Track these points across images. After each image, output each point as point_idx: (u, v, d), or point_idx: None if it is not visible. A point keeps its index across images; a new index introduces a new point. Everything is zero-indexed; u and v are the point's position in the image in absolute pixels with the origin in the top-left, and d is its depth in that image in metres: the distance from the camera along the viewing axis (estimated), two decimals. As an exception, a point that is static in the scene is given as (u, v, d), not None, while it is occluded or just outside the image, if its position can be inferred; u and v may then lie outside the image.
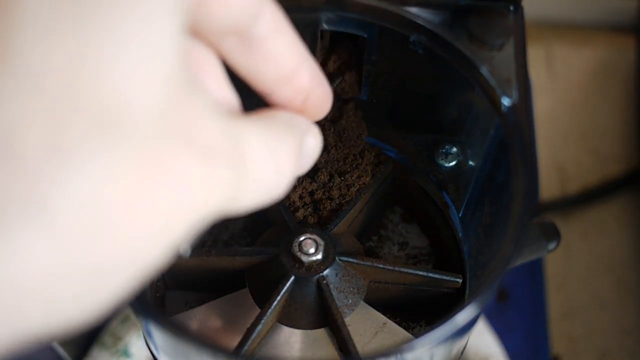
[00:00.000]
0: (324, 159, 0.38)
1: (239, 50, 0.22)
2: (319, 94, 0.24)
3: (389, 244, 0.41)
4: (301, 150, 0.23)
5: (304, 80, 0.23)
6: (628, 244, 0.58)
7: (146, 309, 0.27)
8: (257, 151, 0.20)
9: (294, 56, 0.23)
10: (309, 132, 0.24)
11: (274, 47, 0.22)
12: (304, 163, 0.24)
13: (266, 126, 0.21)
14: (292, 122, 0.23)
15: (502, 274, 0.28)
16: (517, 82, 0.33)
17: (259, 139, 0.20)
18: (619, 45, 0.70)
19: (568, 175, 0.62)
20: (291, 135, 0.22)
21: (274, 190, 0.22)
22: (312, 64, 0.24)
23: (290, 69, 0.23)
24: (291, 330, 0.35)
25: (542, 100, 0.67)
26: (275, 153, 0.21)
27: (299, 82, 0.23)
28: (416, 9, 0.35)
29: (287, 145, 0.22)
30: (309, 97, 0.24)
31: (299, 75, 0.23)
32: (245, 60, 0.22)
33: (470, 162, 0.38)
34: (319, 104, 0.25)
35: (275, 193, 0.22)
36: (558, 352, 0.53)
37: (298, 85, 0.23)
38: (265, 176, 0.21)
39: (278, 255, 0.35)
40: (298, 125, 0.23)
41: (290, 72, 0.23)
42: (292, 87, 0.23)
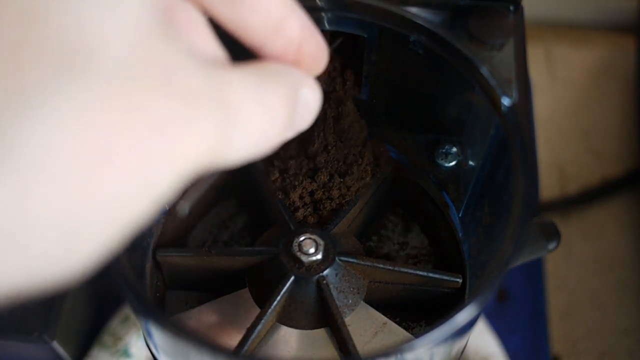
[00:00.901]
0: (324, 159, 0.38)
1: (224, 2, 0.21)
2: (312, 45, 0.23)
3: (389, 244, 0.41)
4: (296, 101, 0.22)
5: (294, 30, 0.22)
6: (628, 244, 0.58)
7: (146, 309, 0.27)
8: (245, 98, 0.19)
9: (280, 4, 0.22)
10: (304, 83, 0.23)
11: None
12: (301, 116, 0.23)
13: (255, 75, 0.20)
14: (284, 72, 0.22)
15: (502, 274, 0.28)
16: (517, 82, 0.33)
17: (247, 87, 0.20)
18: (619, 45, 0.70)
19: (568, 175, 0.62)
20: (282, 83, 0.21)
21: (266, 140, 0.21)
22: (301, 14, 0.23)
23: (278, 17, 0.22)
24: (291, 330, 0.35)
25: (542, 100, 0.67)
26: (264, 101, 0.20)
27: (289, 31, 0.22)
28: (416, 9, 0.35)
29: (278, 93, 0.21)
30: (302, 47, 0.23)
31: (288, 24, 0.22)
32: (231, 13, 0.21)
33: (470, 162, 0.38)
34: (313, 55, 0.24)
35: (267, 144, 0.21)
36: (558, 352, 0.53)
37: (288, 34, 0.22)
38: (255, 125, 0.20)
39: (278, 255, 0.35)
40: (290, 75, 0.22)
41: (279, 21, 0.22)
42: (282, 37, 0.22)
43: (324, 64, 0.25)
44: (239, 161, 0.20)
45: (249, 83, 0.20)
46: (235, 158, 0.20)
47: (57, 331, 0.43)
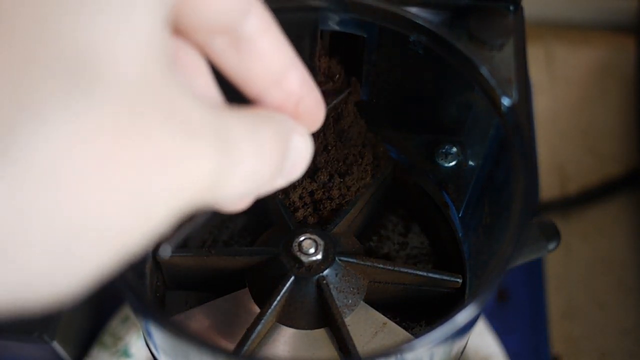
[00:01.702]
0: (324, 159, 0.38)
1: (228, 51, 0.21)
2: (310, 101, 0.24)
3: (389, 244, 0.41)
4: (288, 147, 0.22)
5: (294, 84, 0.23)
6: (628, 244, 0.58)
7: (146, 309, 0.27)
8: (240, 138, 0.19)
9: (283, 57, 0.23)
10: (296, 131, 0.23)
11: (262, 47, 0.22)
12: (293, 164, 0.23)
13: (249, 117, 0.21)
14: (277, 118, 0.22)
15: (502, 274, 0.28)
16: (517, 82, 0.33)
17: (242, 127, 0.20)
18: (619, 45, 0.70)
19: (568, 175, 0.62)
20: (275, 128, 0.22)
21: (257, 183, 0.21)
22: (302, 69, 0.23)
23: (279, 70, 0.23)
24: (291, 330, 0.35)
25: (542, 100, 0.67)
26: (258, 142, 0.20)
27: (289, 85, 0.23)
28: (416, 9, 0.35)
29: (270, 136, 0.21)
30: (301, 103, 0.24)
31: (289, 78, 0.23)
32: (234, 61, 0.22)
33: (470, 162, 0.38)
34: (311, 111, 0.24)
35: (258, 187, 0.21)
36: (558, 352, 0.53)
37: (288, 88, 0.23)
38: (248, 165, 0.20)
39: (278, 255, 0.35)
40: (283, 122, 0.22)
41: (280, 74, 0.23)
42: (282, 90, 0.23)
43: (321, 121, 0.25)
44: (233, 199, 0.21)
45: (244, 124, 0.20)
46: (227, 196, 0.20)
47: (57, 331, 0.43)
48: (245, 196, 0.22)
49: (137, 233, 0.16)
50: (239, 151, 0.19)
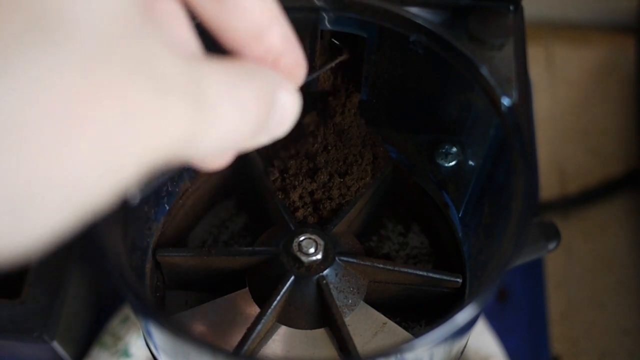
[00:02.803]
0: (324, 159, 0.38)
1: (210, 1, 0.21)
2: (290, 58, 0.23)
3: (389, 244, 0.41)
4: (272, 103, 0.22)
5: (275, 40, 0.22)
6: (628, 244, 0.58)
7: (146, 309, 0.27)
8: (219, 92, 0.19)
9: (266, 12, 0.22)
10: (282, 86, 0.22)
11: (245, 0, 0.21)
12: (278, 120, 0.22)
13: (231, 70, 0.20)
14: (262, 72, 0.22)
15: (502, 274, 0.28)
16: (517, 82, 0.33)
17: (222, 81, 0.19)
18: (619, 45, 0.70)
19: (568, 175, 0.62)
20: (258, 82, 0.21)
21: (236, 136, 0.20)
22: (284, 25, 0.23)
23: (261, 24, 0.22)
24: (291, 330, 0.35)
25: (542, 100, 0.67)
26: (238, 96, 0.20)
27: (270, 40, 0.22)
28: (416, 9, 0.35)
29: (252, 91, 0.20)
30: (280, 59, 0.23)
31: (270, 33, 0.22)
32: (215, 11, 0.21)
33: (470, 162, 0.38)
34: (290, 69, 0.23)
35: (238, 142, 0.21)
36: (558, 352, 0.53)
37: (268, 43, 0.22)
38: (227, 120, 0.19)
39: (278, 255, 0.35)
40: (268, 76, 0.22)
41: (261, 28, 0.22)
42: (262, 45, 0.22)
43: (300, 79, 0.24)
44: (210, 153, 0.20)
45: (224, 78, 0.20)
46: (206, 149, 0.19)
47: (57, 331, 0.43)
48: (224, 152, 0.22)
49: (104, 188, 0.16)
50: (216, 106, 0.19)
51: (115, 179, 0.16)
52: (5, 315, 0.42)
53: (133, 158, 0.16)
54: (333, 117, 0.39)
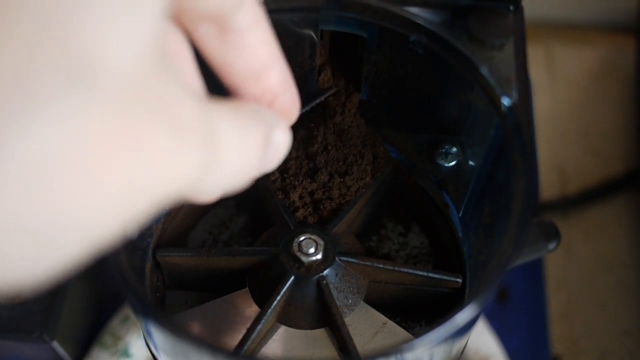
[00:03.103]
0: (324, 159, 0.38)
1: (214, 38, 0.21)
2: (286, 99, 0.24)
3: (389, 244, 0.41)
4: (268, 143, 0.22)
5: (274, 80, 0.23)
6: (628, 244, 0.58)
7: (146, 309, 0.27)
8: (228, 135, 0.20)
9: (267, 53, 0.23)
10: (278, 126, 0.23)
11: (249, 40, 0.22)
12: (271, 157, 0.23)
13: (235, 112, 0.21)
14: (260, 113, 0.22)
15: (502, 274, 0.28)
16: (517, 82, 0.33)
17: (229, 123, 0.20)
18: (619, 45, 0.70)
19: (568, 175, 0.62)
20: (258, 124, 0.22)
21: (239, 178, 0.21)
22: (284, 67, 0.23)
23: (261, 65, 0.23)
24: (291, 330, 0.35)
25: (542, 100, 0.67)
26: (243, 139, 0.21)
27: (268, 81, 0.23)
28: (416, 9, 0.35)
29: (254, 134, 0.21)
30: (276, 100, 0.24)
31: (270, 74, 0.23)
32: (219, 50, 0.22)
33: (470, 162, 0.38)
34: (285, 109, 0.24)
35: (240, 180, 0.22)
36: (558, 352, 0.53)
37: (267, 84, 0.23)
38: (232, 162, 0.20)
39: (278, 255, 0.35)
40: (266, 117, 0.23)
41: (262, 68, 0.23)
42: (260, 85, 0.23)
43: (294, 118, 0.25)
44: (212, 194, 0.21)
45: (231, 119, 0.20)
46: (209, 190, 0.20)
47: (57, 331, 0.43)
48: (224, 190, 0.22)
49: (116, 224, 0.17)
50: (224, 148, 0.19)
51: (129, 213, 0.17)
52: (5, 315, 0.42)
53: (146, 197, 0.17)
54: (333, 117, 0.39)
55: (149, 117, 0.16)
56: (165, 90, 0.17)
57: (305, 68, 0.38)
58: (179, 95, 0.18)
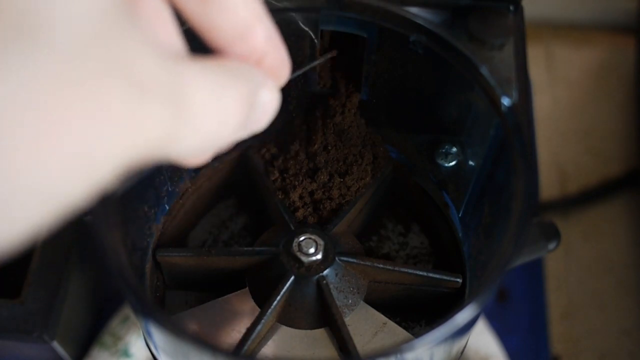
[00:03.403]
0: (324, 159, 0.38)
1: None
2: (274, 58, 0.23)
3: (389, 244, 0.41)
4: (253, 102, 0.22)
5: (259, 39, 0.22)
6: (628, 244, 0.58)
7: (146, 309, 0.27)
8: (200, 93, 0.19)
9: (250, 11, 0.22)
10: (264, 85, 0.22)
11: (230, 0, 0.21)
12: (258, 117, 0.23)
13: (215, 71, 0.20)
14: (244, 72, 0.22)
15: (502, 274, 0.28)
16: (517, 82, 0.33)
17: (203, 82, 0.19)
18: (619, 45, 0.70)
19: (568, 175, 0.62)
20: (240, 83, 0.21)
21: (216, 137, 0.21)
22: (269, 25, 0.23)
23: (245, 24, 0.22)
24: (291, 330, 0.35)
25: (542, 100, 0.67)
26: (221, 99, 0.20)
27: (254, 40, 0.22)
28: (416, 9, 0.35)
29: (234, 93, 0.21)
30: (264, 59, 0.23)
31: (254, 32, 0.22)
32: (200, 10, 0.21)
33: (470, 162, 0.38)
34: (274, 68, 0.23)
35: (218, 141, 0.21)
36: (558, 352, 0.53)
37: (252, 43, 0.22)
38: (207, 121, 0.20)
39: (278, 255, 0.35)
40: (250, 76, 0.22)
41: (245, 27, 0.22)
42: (245, 44, 0.22)
43: (284, 78, 0.24)
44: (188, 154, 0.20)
45: (207, 78, 0.20)
46: (184, 150, 0.20)
47: (57, 331, 0.43)
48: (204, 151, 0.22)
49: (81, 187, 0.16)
50: (196, 109, 0.19)
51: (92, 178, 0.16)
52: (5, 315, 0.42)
53: (109, 159, 0.16)
54: (333, 117, 0.39)
55: (106, 71, 0.16)
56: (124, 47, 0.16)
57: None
58: (142, 53, 0.17)
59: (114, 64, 0.16)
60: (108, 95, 0.16)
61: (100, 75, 0.16)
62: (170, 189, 0.38)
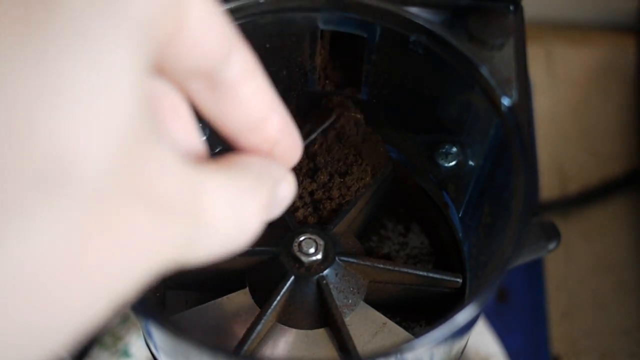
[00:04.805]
0: (324, 159, 0.38)
1: (206, 93, 0.21)
2: (287, 144, 0.23)
3: (389, 244, 0.41)
4: (273, 199, 0.22)
5: (273, 129, 0.22)
6: (628, 244, 0.58)
7: (146, 309, 0.27)
8: (218, 203, 0.19)
9: (263, 104, 0.22)
10: (283, 180, 0.22)
11: (242, 93, 0.21)
12: (275, 211, 0.23)
13: (234, 175, 0.20)
14: (264, 171, 0.22)
15: (502, 274, 0.28)
16: (517, 82, 0.33)
17: (223, 190, 0.19)
18: (619, 45, 0.70)
19: (568, 175, 0.62)
20: (260, 185, 0.21)
21: (235, 242, 0.20)
22: (282, 113, 0.23)
23: (258, 116, 0.22)
24: (291, 330, 0.35)
25: (542, 100, 0.67)
26: (240, 205, 0.20)
27: (267, 130, 0.22)
28: (416, 9, 0.35)
29: (253, 199, 0.20)
30: (277, 146, 0.23)
31: (268, 123, 0.22)
32: (212, 105, 0.21)
33: (470, 162, 0.38)
34: (287, 154, 0.23)
35: (237, 245, 0.21)
36: (558, 352, 0.53)
37: (266, 133, 0.22)
38: (224, 229, 0.19)
39: (278, 255, 0.35)
40: (271, 174, 0.22)
41: (259, 120, 0.22)
42: (259, 135, 0.22)
43: (296, 160, 0.24)
44: (207, 259, 0.20)
45: (225, 185, 0.19)
46: (202, 257, 0.19)
47: (57, 331, 0.43)
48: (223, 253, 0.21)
49: (105, 304, 0.17)
50: (214, 218, 0.19)
51: (114, 296, 0.17)
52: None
53: (130, 275, 0.17)
54: (333, 117, 0.39)
55: (131, 202, 0.16)
56: (149, 166, 0.16)
57: (305, 68, 0.38)
58: (166, 168, 0.17)
59: (137, 191, 0.16)
60: (133, 223, 0.16)
61: (127, 204, 0.16)
62: (170, 189, 0.38)
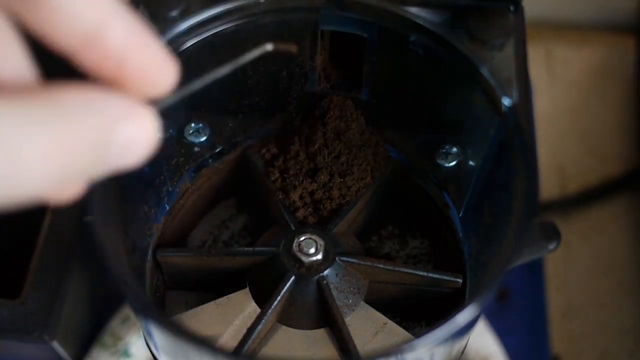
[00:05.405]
0: (324, 159, 0.38)
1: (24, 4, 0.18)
2: (141, 60, 0.19)
3: (389, 244, 0.41)
4: (106, 142, 0.19)
5: (114, 41, 0.19)
6: (628, 244, 0.58)
7: (146, 309, 0.27)
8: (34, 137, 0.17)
9: (95, 7, 0.18)
10: (127, 119, 0.19)
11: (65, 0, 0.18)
12: (117, 154, 0.19)
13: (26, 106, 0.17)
14: (93, 108, 0.18)
15: (502, 274, 0.28)
16: (517, 82, 0.33)
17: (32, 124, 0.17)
18: (619, 45, 0.70)
19: (568, 175, 0.62)
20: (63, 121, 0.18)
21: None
22: (127, 20, 0.19)
23: (90, 24, 0.18)
24: (291, 330, 0.35)
25: (542, 100, 0.67)
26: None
27: (107, 43, 0.18)
28: (416, 9, 0.35)
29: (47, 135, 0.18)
30: (126, 63, 0.19)
31: (108, 33, 0.18)
32: (34, 17, 0.18)
33: (471, 162, 0.38)
34: (144, 71, 0.19)
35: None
36: (558, 352, 0.53)
37: (105, 47, 0.19)
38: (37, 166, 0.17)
39: (278, 255, 0.35)
40: (101, 112, 0.19)
41: (93, 28, 0.18)
42: (97, 50, 0.19)
43: (166, 81, 0.20)
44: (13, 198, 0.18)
45: (36, 121, 0.17)
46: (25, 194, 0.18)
47: (57, 331, 0.43)
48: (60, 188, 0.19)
49: None
50: (25, 153, 0.17)
51: None
52: (5, 315, 0.42)
53: None
54: (333, 117, 0.39)
55: None
56: None
57: (305, 68, 0.38)
58: None
59: None
60: None
61: None
62: (170, 189, 0.38)
